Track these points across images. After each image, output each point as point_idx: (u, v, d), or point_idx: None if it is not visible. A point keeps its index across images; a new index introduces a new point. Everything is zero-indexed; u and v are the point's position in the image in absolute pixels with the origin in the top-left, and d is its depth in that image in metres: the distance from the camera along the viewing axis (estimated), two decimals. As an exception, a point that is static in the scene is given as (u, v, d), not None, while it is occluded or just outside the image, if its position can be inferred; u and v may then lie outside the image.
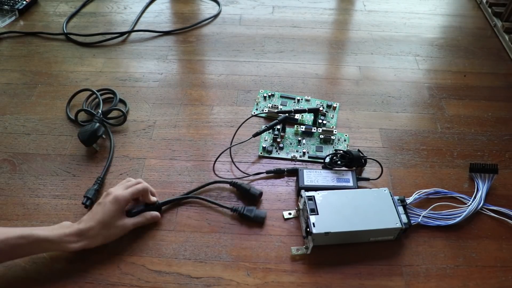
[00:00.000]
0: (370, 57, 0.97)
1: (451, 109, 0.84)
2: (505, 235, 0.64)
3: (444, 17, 1.12)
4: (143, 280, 0.57)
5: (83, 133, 0.72)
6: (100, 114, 0.75)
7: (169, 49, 0.98)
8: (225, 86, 0.88)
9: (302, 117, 0.81)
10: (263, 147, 0.75)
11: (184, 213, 0.65)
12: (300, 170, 0.68)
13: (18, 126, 0.79)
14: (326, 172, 0.68)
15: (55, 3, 1.13)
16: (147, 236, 0.62)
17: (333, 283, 0.58)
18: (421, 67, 0.95)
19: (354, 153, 0.68)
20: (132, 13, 1.09)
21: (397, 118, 0.82)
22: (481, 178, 0.69)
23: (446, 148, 0.76)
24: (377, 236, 0.61)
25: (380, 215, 0.60)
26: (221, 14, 1.10)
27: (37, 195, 0.67)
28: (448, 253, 0.61)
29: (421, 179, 0.71)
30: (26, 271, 0.58)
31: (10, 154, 0.74)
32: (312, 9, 1.13)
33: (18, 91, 0.86)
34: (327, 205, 0.60)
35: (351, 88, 0.89)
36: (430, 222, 0.64)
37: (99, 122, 0.74)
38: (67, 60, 0.95)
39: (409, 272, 0.59)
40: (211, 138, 0.77)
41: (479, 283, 0.58)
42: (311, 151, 0.75)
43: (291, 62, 0.95)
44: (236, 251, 0.61)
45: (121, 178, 0.70)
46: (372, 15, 1.11)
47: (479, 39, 1.04)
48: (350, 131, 0.79)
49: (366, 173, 0.71)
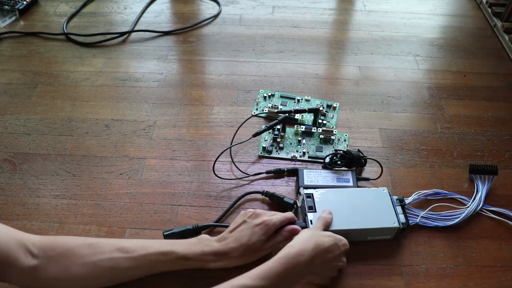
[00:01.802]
0: (370, 57, 0.97)
1: (451, 109, 0.84)
2: (505, 235, 0.64)
3: (444, 17, 1.12)
4: (143, 280, 0.57)
5: None
6: None
7: (169, 49, 0.98)
8: (225, 86, 0.88)
9: (302, 117, 0.81)
10: (263, 147, 0.75)
11: (184, 213, 0.65)
12: (300, 170, 0.68)
13: (19, 126, 0.79)
14: (326, 172, 0.68)
15: (55, 3, 1.13)
16: (148, 236, 0.62)
17: (333, 283, 0.58)
18: (421, 67, 0.95)
19: (354, 153, 0.68)
20: (132, 13, 1.09)
21: (397, 118, 0.82)
22: (480, 179, 0.69)
23: (446, 148, 0.76)
24: (375, 235, 0.61)
25: (378, 214, 0.60)
26: (221, 14, 1.10)
27: (37, 195, 0.67)
28: (448, 253, 0.61)
29: (421, 179, 0.71)
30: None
31: (10, 154, 0.74)
32: (312, 9, 1.13)
33: (19, 91, 0.86)
34: (325, 203, 0.61)
35: (351, 88, 0.89)
36: (428, 222, 0.64)
37: None
38: (67, 60, 0.95)
39: (409, 272, 0.59)
40: (211, 138, 0.77)
41: (479, 283, 0.58)
42: (311, 151, 0.75)
43: (291, 62, 0.95)
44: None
45: (121, 178, 0.70)
46: (372, 15, 1.11)
47: (479, 39, 1.04)
48: (350, 131, 0.79)
49: (366, 173, 0.71)
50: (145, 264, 0.53)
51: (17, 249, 0.48)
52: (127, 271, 0.53)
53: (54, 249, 0.50)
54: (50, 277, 0.50)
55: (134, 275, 0.54)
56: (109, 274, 0.52)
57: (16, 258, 0.47)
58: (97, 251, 0.52)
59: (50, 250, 0.50)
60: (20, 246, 0.48)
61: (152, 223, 0.64)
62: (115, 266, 0.51)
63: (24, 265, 0.48)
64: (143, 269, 0.53)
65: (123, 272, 0.53)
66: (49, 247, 0.50)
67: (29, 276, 0.49)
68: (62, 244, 0.51)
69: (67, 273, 0.50)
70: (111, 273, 0.52)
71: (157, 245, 0.54)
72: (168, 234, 0.60)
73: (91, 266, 0.51)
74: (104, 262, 0.51)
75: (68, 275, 0.50)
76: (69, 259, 0.50)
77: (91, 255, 0.51)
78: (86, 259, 0.51)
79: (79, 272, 0.50)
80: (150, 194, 0.68)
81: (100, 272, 0.51)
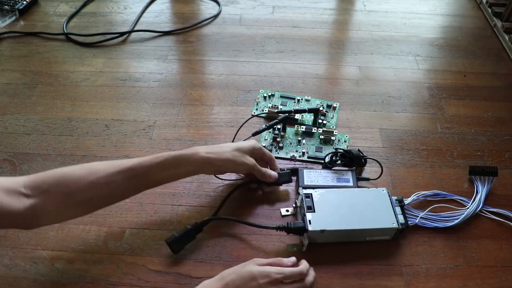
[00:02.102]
0: (370, 57, 0.97)
1: (451, 109, 0.84)
2: (505, 235, 0.64)
3: (444, 17, 1.12)
4: (143, 280, 0.57)
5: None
6: None
7: (169, 49, 0.98)
8: (225, 86, 0.88)
9: (302, 117, 0.81)
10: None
11: (184, 213, 0.65)
12: (300, 170, 0.68)
13: (19, 126, 0.79)
14: (326, 172, 0.68)
15: (55, 3, 1.13)
16: (148, 236, 0.62)
17: (333, 283, 0.58)
18: (421, 67, 0.95)
19: (354, 153, 0.68)
20: (132, 13, 1.09)
21: (397, 118, 0.82)
22: (480, 180, 0.69)
23: (446, 148, 0.76)
24: (374, 235, 0.61)
25: (377, 214, 0.60)
26: (221, 14, 1.10)
27: (37, 195, 0.67)
28: (448, 253, 0.61)
29: (421, 179, 0.71)
30: (26, 271, 0.58)
31: (10, 154, 0.74)
32: (312, 9, 1.13)
33: (18, 91, 0.86)
34: (324, 203, 0.60)
35: (351, 88, 0.89)
36: (427, 223, 0.64)
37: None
38: (67, 60, 0.95)
39: (409, 272, 0.59)
40: (211, 138, 0.77)
41: (479, 283, 0.58)
42: (311, 151, 0.75)
43: (291, 62, 0.95)
44: (236, 251, 0.61)
45: (121, 178, 0.70)
46: (372, 15, 1.11)
47: (479, 39, 1.04)
48: (350, 131, 0.79)
49: (366, 173, 0.71)
50: (141, 171, 0.55)
51: (6, 197, 0.47)
52: (124, 182, 0.54)
53: (45, 181, 0.50)
54: (51, 211, 0.50)
55: (132, 187, 0.56)
56: (107, 188, 0.53)
57: (9, 205, 0.47)
58: (91, 170, 0.53)
59: (41, 185, 0.50)
60: (10, 192, 0.48)
61: (152, 223, 0.64)
62: (111, 180, 0.53)
63: (20, 209, 0.48)
64: (139, 178, 0.55)
65: (120, 184, 0.54)
66: (40, 181, 0.50)
67: (29, 217, 0.49)
68: (52, 175, 0.52)
69: (65, 201, 0.51)
70: (109, 187, 0.53)
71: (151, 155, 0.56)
72: (172, 241, 0.59)
73: (87, 186, 0.51)
74: (100, 179, 0.52)
75: (66, 202, 0.51)
76: (63, 186, 0.51)
77: (85, 175, 0.52)
78: (81, 181, 0.51)
79: (76, 196, 0.51)
80: (150, 194, 0.67)
81: (97, 190, 0.52)
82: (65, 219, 0.55)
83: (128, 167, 0.54)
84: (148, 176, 0.56)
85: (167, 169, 0.57)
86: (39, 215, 0.50)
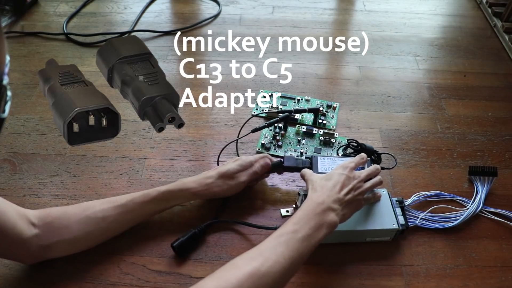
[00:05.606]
0: (370, 57, 0.97)
1: (451, 109, 0.84)
2: (505, 235, 0.64)
3: (444, 17, 1.12)
4: (143, 280, 0.57)
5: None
6: None
7: (169, 49, 0.98)
8: (225, 86, 0.88)
9: (302, 117, 0.81)
10: (261, 144, 0.75)
11: (184, 213, 0.65)
12: (314, 157, 0.66)
13: (18, 126, 0.79)
14: (340, 160, 0.65)
15: (55, 3, 1.13)
16: (148, 236, 0.62)
17: (333, 283, 0.58)
18: (421, 67, 0.95)
19: (367, 146, 0.69)
20: (132, 13, 1.09)
21: (397, 118, 0.82)
22: (480, 181, 0.69)
23: (446, 148, 0.77)
24: (374, 236, 0.61)
25: (378, 215, 0.60)
26: (221, 14, 1.10)
27: (37, 195, 0.67)
28: (448, 253, 0.61)
29: (421, 179, 0.71)
30: (26, 271, 0.58)
31: (10, 154, 0.74)
32: (312, 9, 1.13)
33: (18, 91, 0.86)
34: None
35: (351, 88, 0.89)
36: (428, 224, 0.64)
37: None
38: (67, 60, 0.94)
39: (409, 272, 0.59)
40: (211, 138, 0.77)
41: (479, 283, 0.58)
42: (309, 152, 0.75)
43: (291, 62, 0.95)
44: (236, 251, 0.61)
45: (121, 178, 0.70)
46: (372, 15, 1.11)
47: (479, 39, 1.04)
48: (350, 131, 0.79)
49: (366, 173, 0.71)
50: (133, 207, 0.58)
51: (20, 220, 0.51)
52: (118, 217, 0.57)
53: (50, 214, 0.55)
54: (52, 243, 0.54)
55: (126, 221, 0.59)
56: (103, 223, 0.56)
57: (21, 228, 0.51)
58: (88, 207, 0.57)
59: (46, 217, 0.54)
60: (22, 217, 0.52)
61: (152, 223, 0.64)
62: (106, 215, 0.56)
63: (28, 235, 0.52)
64: (132, 213, 0.58)
65: (114, 219, 0.57)
66: (45, 214, 0.55)
67: (33, 246, 0.52)
68: (56, 210, 0.57)
69: (66, 234, 0.54)
70: (105, 222, 0.57)
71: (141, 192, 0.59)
72: (177, 245, 0.59)
73: (85, 220, 0.56)
74: (96, 213, 0.56)
75: (66, 235, 0.54)
76: (64, 220, 0.55)
77: (83, 210, 0.56)
78: (79, 215, 0.56)
79: (75, 229, 0.55)
80: (150, 194, 0.67)
81: (94, 224, 0.56)
82: (65, 253, 0.57)
83: (121, 204, 0.58)
84: (141, 212, 0.59)
85: (158, 204, 0.60)
86: (42, 246, 0.53)
